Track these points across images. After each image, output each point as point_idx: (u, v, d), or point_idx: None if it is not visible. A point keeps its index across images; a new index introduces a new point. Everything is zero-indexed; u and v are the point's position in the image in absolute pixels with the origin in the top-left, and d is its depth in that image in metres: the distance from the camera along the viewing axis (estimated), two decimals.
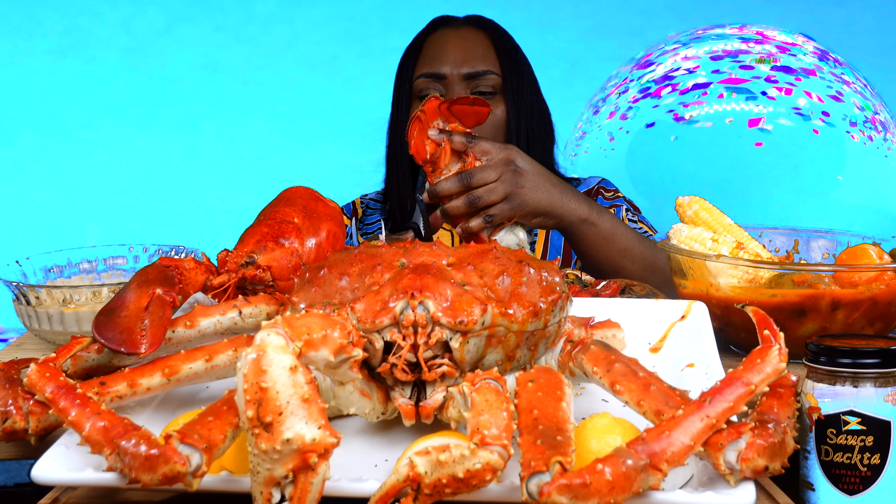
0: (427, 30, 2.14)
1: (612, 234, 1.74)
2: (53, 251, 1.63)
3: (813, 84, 2.78)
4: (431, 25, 2.14)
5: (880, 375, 1.10)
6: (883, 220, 2.82)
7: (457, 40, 2.07)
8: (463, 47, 2.06)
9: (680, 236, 1.54)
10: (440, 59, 2.05)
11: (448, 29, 2.11)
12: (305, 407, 0.86)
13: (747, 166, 2.78)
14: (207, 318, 1.19)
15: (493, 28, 2.12)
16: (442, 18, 2.15)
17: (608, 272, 1.76)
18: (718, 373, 1.14)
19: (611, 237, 1.74)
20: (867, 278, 1.42)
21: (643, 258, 1.77)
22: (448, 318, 1.02)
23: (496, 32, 2.11)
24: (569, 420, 0.94)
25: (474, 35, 2.09)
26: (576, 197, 1.71)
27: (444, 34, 2.10)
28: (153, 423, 1.07)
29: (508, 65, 2.06)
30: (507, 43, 2.10)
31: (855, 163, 2.78)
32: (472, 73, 2.03)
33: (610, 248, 1.74)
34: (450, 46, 2.06)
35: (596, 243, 1.74)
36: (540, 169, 1.67)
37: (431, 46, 2.09)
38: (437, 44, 2.08)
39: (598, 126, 2.92)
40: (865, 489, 1.10)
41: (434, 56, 2.06)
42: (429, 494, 0.87)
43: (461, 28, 2.11)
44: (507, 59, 2.06)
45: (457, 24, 2.13)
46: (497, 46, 2.07)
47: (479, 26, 2.11)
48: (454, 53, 2.05)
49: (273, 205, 1.49)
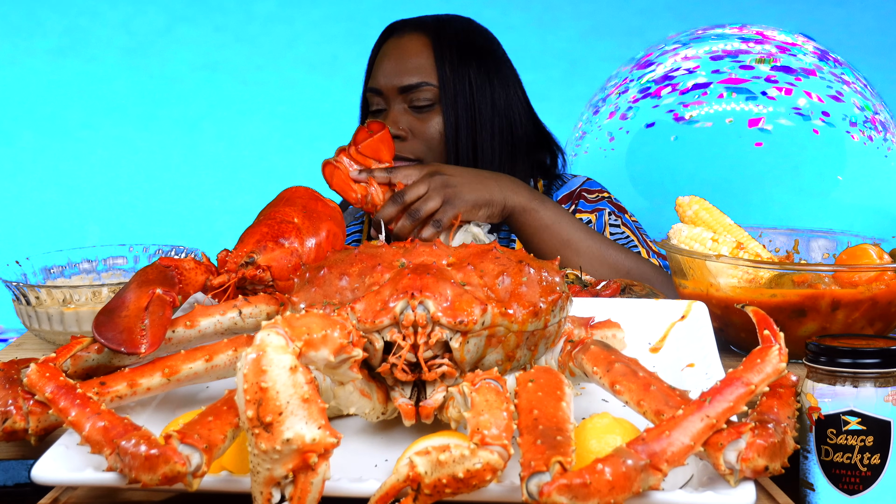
0: (380, 39, 2.07)
1: (554, 224, 1.78)
2: (53, 251, 1.63)
3: (813, 84, 2.78)
4: (384, 34, 2.07)
5: (880, 375, 1.10)
6: (883, 220, 2.82)
7: (395, 51, 2.00)
8: (399, 58, 1.98)
9: (680, 236, 1.54)
10: (379, 73, 1.99)
11: (393, 38, 2.03)
12: (305, 407, 0.86)
13: (747, 166, 2.78)
14: (207, 318, 1.19)
15: (440, 29, 2.01)
16: (393, 25, 2.07)
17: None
18: (718, 373, 1.14)
19: (552, 226, 1.78)
20: (867, 278, 1.42)
21: (590, 252, 1.79)
22: (448, 318, 1.02)
23: (440, 35, 2.00)
24: (569, 420, 0.94)
25: (415, 43, 1.99)
26: (514, 185, 1.77)
27: (389, 45, 2.02)
28: (153, 423, 1.07)
29: (450, 71, 1.97)
30: (451, 46, 1.99)
31: (855, 163, 2.78)
32: (407, 85, 1.96)
33: (552, 238, 1.78)
34: (388, 58, 2.00)
35: (537, 231, 1.78)
36: (467, 169, 1.76)
37: (378, 58, 2.03)
38: (382, 55, 2.02)
39: (598, 126, 2.92)
40: (865, 489, 1.10)
41: (377, 69, 2.01)
42: (429, 494, 0.87)
43: (405, 36, 2.01)
44: (448, 66, 1.97)
45: (405, 30, 2.03)
46: (437, 52, 1.98)
47: (424, 31, 2.01)
48: (390, 65, 1.98)
49: (273, 205, 1.49)
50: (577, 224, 1.81)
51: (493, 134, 1.99)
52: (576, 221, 1.81)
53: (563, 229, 1.79)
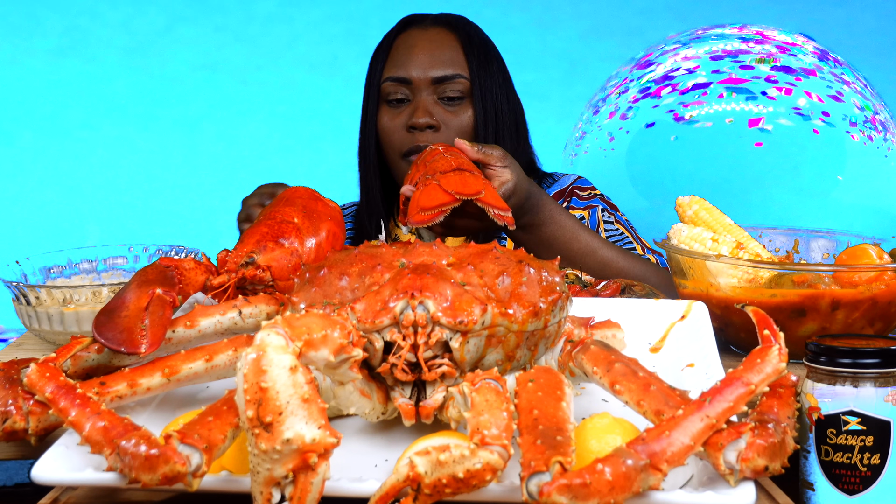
0: (396, 30, 2.07)
1: (559, 230, 1.74)
2: (53, 251, 1.63)
3: (813, 84, 2.78)
4: (400, 25, 2.08)
5: (880, 375, 1.10)
6: (883, 220, 2.82)
7: (424, 42, 2.01)
8: (431, 50, 1.99)
9: (680, 236, 1.54)
10: (407, 63, 1.99)
11: (417, 29, 2.04)
12: (305, 407, 0.86)
13: (747, 166, 2.78)
14: (207, 318, 1.19)
15: (463, 27, 2.05)
16: (411, 18, 2.09)
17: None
18: (718, 373, 1.14)
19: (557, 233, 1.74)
20: (867, 278, 1.42)
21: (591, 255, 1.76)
22: (448, 318, 1.02)
23: (465, 31, 2.03)
24: (569, 420, 0.94)
25: (443, 36, 2.02)
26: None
27: (413, 35, 2.03)
28: (153, 423, 1.07)
29: (477, 66, 1.99)
30: (477, 43, 2.03)
31: (855, 163, 2.78)
32: (441, 76, 1.97)
33: (556, 244, 1.75)
34: (417, 49, 2.00)
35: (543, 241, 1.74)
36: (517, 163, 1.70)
37: (399, 48, 2.02)
38: (405, 45, 2.02)
39: (598, 126, 2.92)
40: (865, 489, 1.10)
41: (402, 59, 2.00)
42: (429, 494, 0.87)
43: (430, 29, 2.03)
44: (476, 61, 2.00)
45: (426, 23, 2.05)
46: (466, 48, 2.01)
47: (448, 26, 2.04)
48: (421, 56, 1.99)
49: (273, 205, 1.49)
50: (582, 227, 1.78)
51: (509, 132, 2.02)
52: (580, 225, 1.78)
53: (569, 236, 1.75)
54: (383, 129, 2.00)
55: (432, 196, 1.42)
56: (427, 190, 1.44)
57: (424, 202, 1.42)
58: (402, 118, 1.98)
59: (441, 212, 1.40)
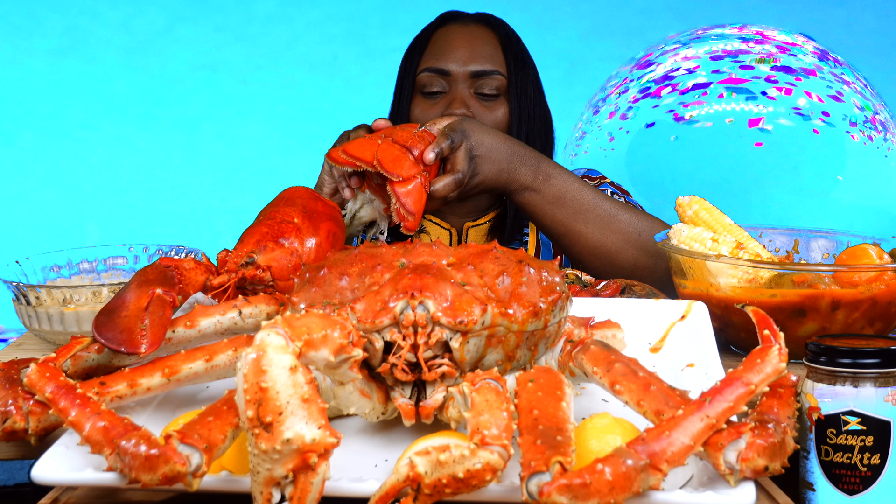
0: (435, 24, 2.10)
1: (565, 193, 1.75)
2: (53, 251, 1.63)
3: (813, 84, 2.78)
4: (440, 19, 2.11)
5: (880, 375, 1.10)
6: (883, 220, 2.82)
7: (465, 37, 2.04)
8: (471, 45, 2.02)
9: (680, 236, 1.54)
10: (447, 55, 2.02)
11: (457, 24, 2.08)
12: (305, 407, 0.86)
13: (747, 166, 2.78)
14: (207, 318, 1.19)
15: (502, 27, 2.09)
16: (451, 13, 2.12)
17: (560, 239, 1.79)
18: (718, 373, 1.14)
19: (562, 197, 1.75)
20: (867, 278, 1.42)
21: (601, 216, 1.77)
22: (448, 318, 1.02)
23: (504, 32, 2.07)
24: (569, 420, 0.94)
25: (483, 33, 2.05)
26: (523, 160, 1.73)
27: (453, 29, 2.06)
28: (153, 423, 1.07)
29: (514, 66, 2.03)
30: (515, 44, 2.07)
31: (855, 163, 2.78)
32: (479, 71, 1.99)
33: (563, 209, 1.76)
34: (457, 43, 2.03)
35: (549, 205, 1.75)
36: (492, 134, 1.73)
37: (438, 41, 2.05)
38: (445, 39, 2.05)
39: (598, 126, 2.92)
40: (865, 489, 1.10)
41: (440, 51, 2.03)
42: (429, 494, 0.87)
43: (470, 25, 2.07)
44: (513, 61, 2.03)
45: (466, 20, 2.09)
46: (505, 47, 2.04)
47: (488, 24, 2.08)
48: (461, 50, 2.02)
49: (273, 205, 1.49)
50: (585, 183, 1.79)
51: (539, 135, 2.04)
52: (583, 181, 1.79)
53: (574, 198, 1.76)
54: (416, 119, 2.02)
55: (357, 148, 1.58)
56: (359, 141, 1.59)
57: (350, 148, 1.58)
58: (436, 109, 1.99)
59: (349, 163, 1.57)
